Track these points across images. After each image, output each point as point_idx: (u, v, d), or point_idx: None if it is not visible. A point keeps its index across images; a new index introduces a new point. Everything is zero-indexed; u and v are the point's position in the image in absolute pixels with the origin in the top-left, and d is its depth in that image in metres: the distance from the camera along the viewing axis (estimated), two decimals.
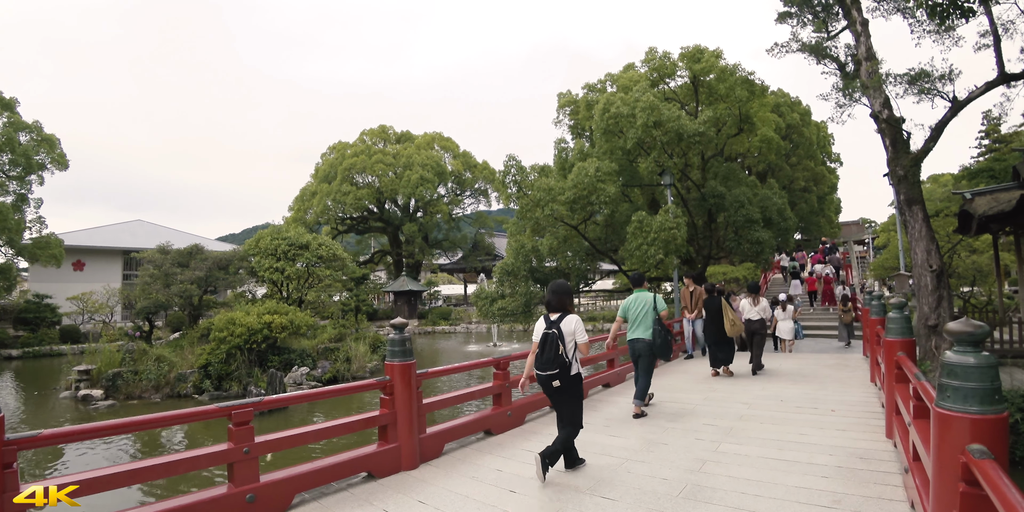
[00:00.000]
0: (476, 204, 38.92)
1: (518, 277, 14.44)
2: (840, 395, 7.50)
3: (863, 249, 33.92)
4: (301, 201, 35.11)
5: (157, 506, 3.44)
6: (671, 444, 5.30)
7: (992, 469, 1.99)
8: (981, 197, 12.68)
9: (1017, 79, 10.28)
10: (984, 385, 2.23)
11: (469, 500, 4.02)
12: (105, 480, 3.25)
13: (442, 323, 31.12)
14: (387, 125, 37.80)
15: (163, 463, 3.55)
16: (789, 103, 28.66)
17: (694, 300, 11.30)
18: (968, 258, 18.83)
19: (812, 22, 13.03)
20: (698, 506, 3.77)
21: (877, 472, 4.33)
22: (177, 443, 9.78)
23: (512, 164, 13.40)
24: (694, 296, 11.29)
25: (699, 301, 11.01)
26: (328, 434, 4.59)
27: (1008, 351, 10.11)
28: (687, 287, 11.49)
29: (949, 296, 10.73)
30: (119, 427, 3.68)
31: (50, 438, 3.21)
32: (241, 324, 13.90)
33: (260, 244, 18.47)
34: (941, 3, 9.91)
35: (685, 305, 11.64)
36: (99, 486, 3.21)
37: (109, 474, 3.30)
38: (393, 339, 4.81)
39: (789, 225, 17.16)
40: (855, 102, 12.22)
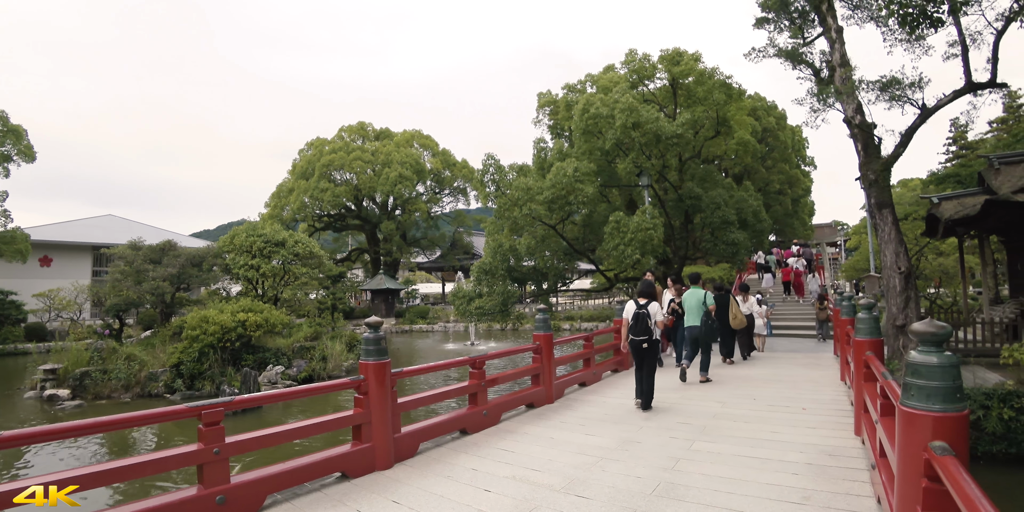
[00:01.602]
0: (455, 203, 38.80)
1: (496, 276, 14.42)
2: (812, 394, 7.65)
3: (835, 251, 34.64)
4: (278, 198, 34.62)
5: (124, 509, 3.36)
6: (646, 442, 5.34)
7: (953, 465, 2.05)
8: (948, 202, 13.05)
9: (983, 88, 10.57)
10: (946, 384, 2.29)
11: (444, 500, 4.01)
12: (69, 483, 3.16)
13: (420, 322, 30.95)
14: (366, 122, 37.47)
15: (130, 465, 3.47)
16: (766, 107, 29.11)
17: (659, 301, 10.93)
18: (935, 260, 19.35)
19: (789, 28, 13.24)
20: (671, 504, 3.81)
21: (846, 468, 4.42)
22: (148, 444, 9.57)
23: (491, 163, 13.39)
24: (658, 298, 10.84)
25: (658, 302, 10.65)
26: (301, 434, 4.53)
27: (972, 350, 10.41)
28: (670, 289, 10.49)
29: (916, 297, 11.00)
30: (85, 428, 3.58)
31: (11, 440, 3.11)
32: (215, 322, 13.65)
33: (235, 241, 18.17)
34: (912, 12, 10.14)
35: None
36: (62, 488, 3.13)
37: (73, 476, 3.21)
38: (367, 338, 4.77)
39: (764, 227, 17.45)
40: (829, 107, 12.45)
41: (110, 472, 3.35)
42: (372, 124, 37.64)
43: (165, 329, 15.76)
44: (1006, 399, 8.05)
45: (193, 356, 13.44)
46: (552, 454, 5.03)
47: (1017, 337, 10.06)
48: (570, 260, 15.06)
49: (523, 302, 16.52)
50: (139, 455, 3.61)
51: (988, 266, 14.63)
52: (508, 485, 4.26)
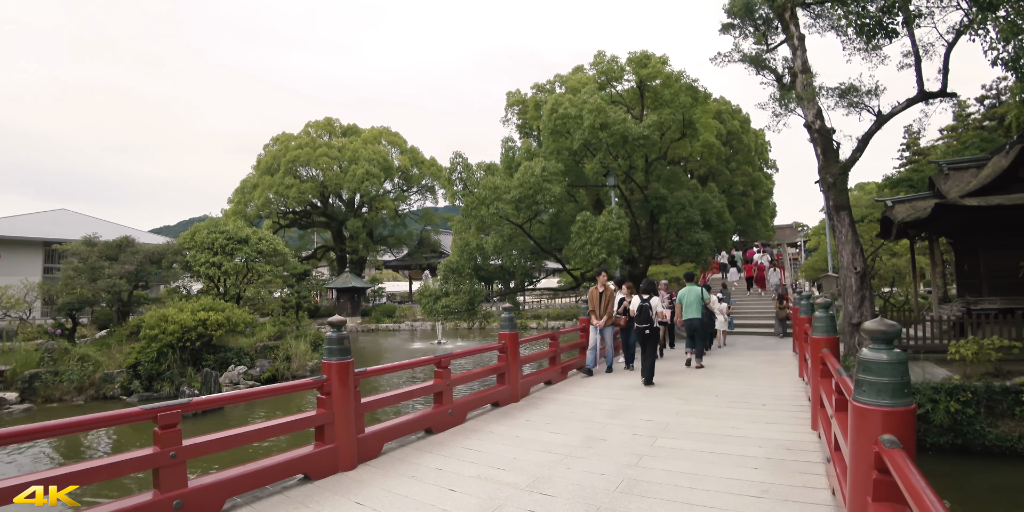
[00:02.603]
0: (423, 201, 38.47)
1: (463, 275, 14.37)
2: (771, 390, 7.84)
3: (796, 251, 35.59)
4: (241, 193, 33.80)
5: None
6: (610, 440, 5.40)
7: (900, 457, 2.13)
8: (901, 205, 13.55)
9: (935, 97, 11.00)
10: (895, 380, 2.37)
11: (408, 500, 3.98)
12: (14, 490, 3.02)
13: (386, 320, 30.64)
14: (333, 118, 36.89)
15: (80, 471, 3.33)
16: (730, 111, 29.72)
17: (604, 303, 9.30)
18: (889, 261, 20.07)
19: (753, 34, 13.55)
20: (634, 500, 3.86)
21: (803, 462, 4.56)
22: (102, 449, 9.25)
23: (459, 161, 13.34)
24: (604, 298, 9.33)
25: (610, 303, 9.30)
26: (262, 436, 4.43)
27: (921, 347, 10.83)
28: (597, 287, 9.44)
29: (871, 296, 11.39)
30: (33, 432, 3.42)
31: None
32: (174, 321, 13.27)
33: (196, 237, 17.69)
34: (869, 23, 10.50)
35: (593, 309, 9.43)
36: (7, 496, 2.99)
37: (17, 484, 3.06)
38: (330, 337, 4.70)
39: (728, 227, 17.84)
40: (790, 112, 12.79)
41: (59, 478, 3.21)
42: (339, 120, 37.10)
43: (122, 328, 15.26)
44: (952, 393, 8.42)
45: (151, 356, 13.05)
46: (517, 452, 5.04)
47: (963, 334, 10.50)
48: (537, 259, 15.10)
49: (490, 301, 16.53)
50: (91, 460, 3.48)
51: (937, 267, 15.24)
52: (473, 484, 4.26)
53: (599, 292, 9.27)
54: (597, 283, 9.49)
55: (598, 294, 9.29)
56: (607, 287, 9.30)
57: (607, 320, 9.28)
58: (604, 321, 9.26)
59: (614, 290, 9.44)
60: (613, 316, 9.40)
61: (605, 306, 9.24)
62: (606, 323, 9.27)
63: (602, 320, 9.26)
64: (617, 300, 9.81)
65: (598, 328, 9.34)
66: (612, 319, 9.37)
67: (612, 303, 9.26)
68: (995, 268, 11.54)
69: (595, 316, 9.38)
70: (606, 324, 9.29)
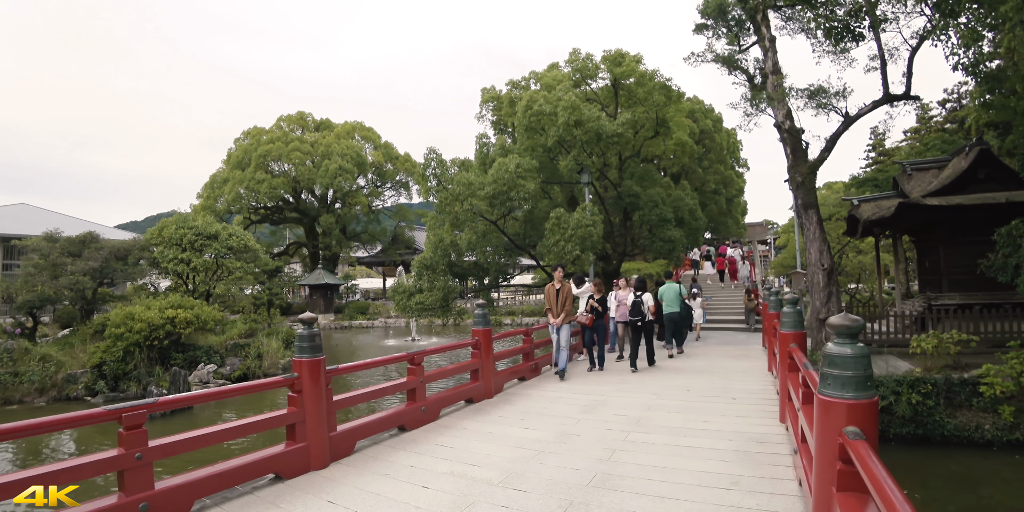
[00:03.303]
0: (397, 197, 38.13)
1: (437, 271, 14.30)
2: (741, 384, 7.99)
3: (766, 248, 36.26)
4: (211, 188, 33.06)
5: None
6: (583, 435, 5.44)
7: (863, 449, 2.19)
8: (866, 204, 13.90)
9: (899, 100, 11.31)
10: (859, 373, 2.44)
11: (381, 498, 3.95)
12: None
13: (359, 317, 30.38)
14: (306, 112, 36.30)
15: (41, 474, 3.20)
16: (703, 110, 30.07)
17: (561, 300, 8.68)
18: (855, 258, 20.60)
19: (726, 35, 13.75)
20: (606, 494, 3.90)
21: (771, 454, 4.65)
22: (66, 452, 8.99)
23: (432, 157, 13.25)
24: (561, 295, 8.68)
25: (567, 301, 8.70)
26: (231, 435, 4.35)
27: (885, 341, 11.15)
28: (553, 283, 8.85)
29: (838, 292, 11.68)
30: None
31: None
32: (141, 319, 12.96)
33: (164, 233, 17.29)
34: (837, 26, 10.73)
35: (549, 306, 8.78)
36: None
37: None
38: (301, 334, 4.64)
39: (700, 225, 18.09)
40: (761, 112, 13.02)
41: (14, 484, 3.08)
42: (312, 114, 36.52)
43: (86, 327, 14.83)
44: (914, 385, 8.69)
45: (117, 356, 12.73)
46: (491, 449, 5.05)
47: (924, 329, 10.84)
48: (511, 255, 15.11)
49: (465, 297, 16.50)
50: (52, 463, 3.37)
51: (901, 264, 15.69)
52: (446, 481, 4.25)
53: (556, 289, 8.73)
54: (553, 279, 8.94)
55: (555, 291, 8.73)
56: (564, 283, 8.77)
57: (564, 318, 8.63)
58: (561, 319, 8.61)
59: (571, 287, 8.93)
60: (571, 314, 8.87)
61: (562, 304, 8.63)
62: (563, 321, 8.63)
63: (559, 318, 8.61)
64: (585, 298, 9.58)
65: (555, 327, 8.71)
66: (569, 317, 8.80)
67: (569, 300, 8.69)
68: (954, 265, 11.93)
69: (552, 314, 8.75)
70: (563, 322, 8.64)
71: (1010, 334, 10.24)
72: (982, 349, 9.71)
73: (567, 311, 8.65)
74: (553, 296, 8.71)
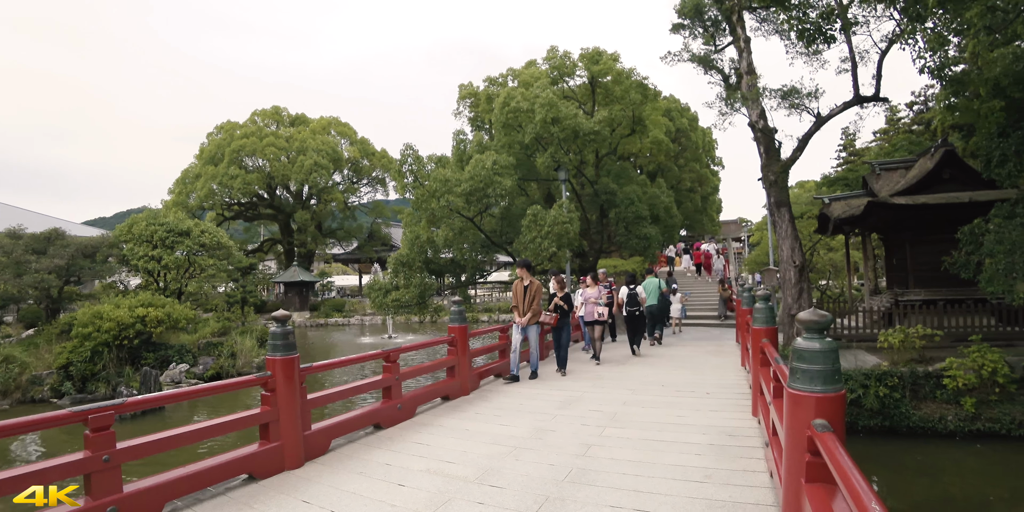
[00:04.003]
0: (373, 193, 37.79)
1: (413, 268, 14.23)
2: (715, 379, 8.11)
3: (740, 246, 36.84)
4: (183, 184, 32.39)
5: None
6: (559, 430, 5.47)
7: (831, 440, 2.24)
8: (837, 202, 14.21)
9: (869, 101, 11.56)
10: (827, 367, 2.49)
11: (356, 496, 3.92)
12: None
13: (335, 315, 30.09)
14: (281, 106, 35.77)
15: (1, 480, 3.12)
16: (679, 109, 30.39)
17: (528, 298, 8.16)
18: (826, 255, 21.04)
19: (702, 35, 13.90)
20: (582, 489, 3.93)
21: (744, 447, 4.74)
22: (31, 456, 8.75)
23: (409, 153, 13.16)
24: (529, 293, 8.18)
25: (535, 299, 8.18)
26: (203, 436, 4.27)
27: (854, 336, 11.41)
28: (521, 280, 8.35)
29: (809, 288, 11.91)
30: None
31: None
32: (110, 318, 12.65)
33: (134, 230, 16.91)
34: (809, 28, 10.91)
35: (516, 305, 8.30)
36: None
37: None
38: (274, 332, 4.57)
39: (675, 222, 18.29)
40: (736, 111, 13.19)
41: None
42: (287, 109, 36.01)
43: (51, 327, 14.45)
44: (881, 379, 8.93)
45: (85, 356, 12.41)
46: (467, 446, 5.04)
47: (892, 324, 11.12)
48: (488, 252, 15.10)
49: (441, 294, 16.43)
50: (14, 468, 3.26)
51: (869, 261, 16.07)
52: (422, 478, 4.24)
53: (523, 286, 8.19)
54: (521, 277, 8.39)
55: (522, 288, 8.19)
56: (532, 281, 8.24)
57: (531, 317, 8.13)
58: (528, 319, 8.10)
59: (539, 284, 8.35)
60: (540, 313, 8.33)
61: (529, 302, 8.11)
62: (530, 321, 8.12)
63: (525, 317, 8.10)
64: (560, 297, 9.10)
65: (520, 327, 8.18)
66: (538, 316, 8.24)
67: (538, 298, 8.15)
68: (920, 262, 12.26)
69: (517, 313, 8.22)
70: (530, 322, 8.13)
71: (972, 328, 10.57)
72: (946, 343, 10.01)
73: (535, 310, 8.14)
74: (520, 294, 8.19)
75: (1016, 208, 8.80)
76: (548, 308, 8.91)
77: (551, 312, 8.77)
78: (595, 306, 9.87)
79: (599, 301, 9.94)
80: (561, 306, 8.82)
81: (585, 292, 10.29)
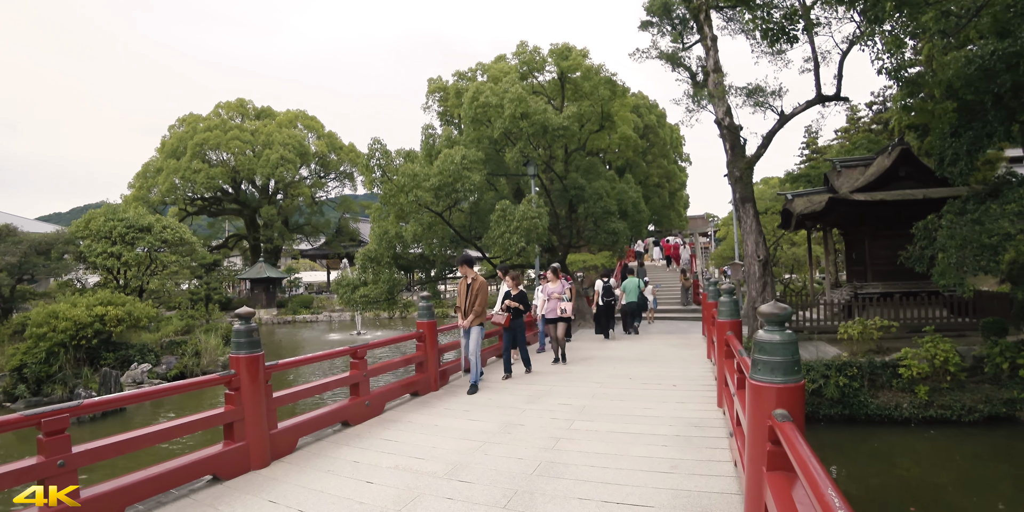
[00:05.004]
0: (341, 188, 37.21)
1: (382, 264, 14.08)
2: (682, 371, 8.26)
3: (707, 240, 37.46)
4: (144, 178, 31.36)
5: None
6: (528, 425, 5.50)
7: (790, 430, 2.30)
8: (800, 199, 14.56)
9: (831, 100, 11.87)
10: (787, 358, 2.55)
11: (324, 494, 3.88)
12: None
13: (303, 312, 29.64)
14: (246, 99, 34.86)
15: None
16: (648, 105, 30.70)
17: (471, 297, 7.28)
18: (789, 250, 21.57)
19: (670, 33, 14.06)
20: (550, 482, 3.96)
21: (709, 438, 4.84)
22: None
23: (377, 148, 12.98)
24: (472, 291, 7.29)
25: (478, 298, 7.27)
26: (165, 437, 4.15)
27: (816, 328, 11.75)
28: (464, 278, 7.49)
29: (772, 282, 12.20)
30: None
31: None
32: (66, 318, 12.21)
33: (91, 225, 16.33)
34: (772, 28, 11.13)
35: (459, 305, 7.49)
36: None
37: None
38: (238, 330, 4.48)
39: (643, 217, 18.46)
40: (703, 109, 13.40)
41: None
42: (252, 102, 35.12)
43: (3, 328, 13.89)
44: (841, 369, 9.22)
45: (39, 357, 11.97)
46: (436, 441, 5.03)
47: (851, 316, 11.47)
48: (457, 247, 15.03)
49: (411, 290, 16.30)
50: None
51: (830, 255, 16.54)
52: (391, 475, 4.21)
53: (466, 284, 7.36)
54: (463, 274, 7.52)
55: (465, 287, 7.37)
56: (476, 278, 7.37)
57: (474, 319, 7.29)
58: (470, 320, 7.27)
59: (484, 282, 7.54)
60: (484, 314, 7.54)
61: (472, 302, 7.24)
62: (473, 322, 7.30)
63: (468, 319, 7.27)
64: (502, 294, 8.49)
65: (466, 331, 7.39)
66: (482, 318, 7.44)
67: (482, 297, 7.31)
68: (878, 256, 12.68)
69: (460, 314, 7.40)
70: (472, 324, 7.31)
71: (926, 320, 10.99)
72: (902, 334, 10.40)
73: (478, 311, 7.29)
74: (463, 293, 7.35)
75: (967, 205, 9.15)
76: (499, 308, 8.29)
77: (503, 312, 8.14)
78: (558, 302, 9.29)
79: (562, 296, 9.35)
80: (516, 307, 8.17)
81: (547, 287, 9.64)
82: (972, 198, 9.28)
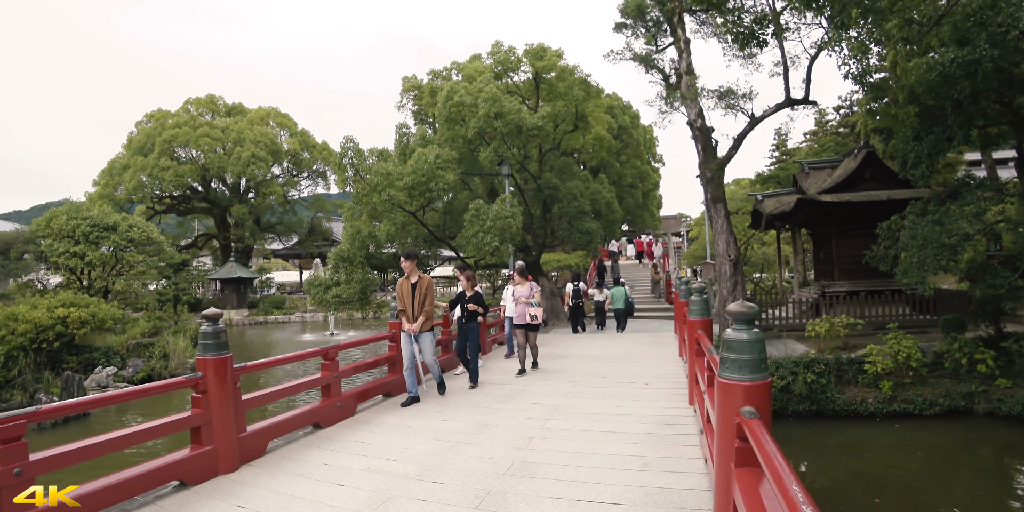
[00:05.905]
0: (314, 186, 36.74)
1: (355, 264, 13.95)
2: (654, 369, 8.35)
3: (680, 240, 37.93)
4: (109, 175, 30.49)
5: None
6: (501, 424, 5.50)
7: (757, 426, 2.34)
8: (769, 199, 14.83)
9: (799, 103, 12.14)
10: (754, 356, 2.60)
11: (294, 498, 3.82)
12: None
13: (275, 312, 29.18)
14: (216, 95, 34.17)
15: None
16: (621, 106, 30.97)
17: (418, 298, 6.42)
18: (759, 249, 21.96)
19: (644, 35, 14.23)
20: (523, 481, 3.96)
21: (680, 435, 4.90)
22: None
23: (350, 146, 12.84)
24: (418, 291, 6.43)
25: (427, 298, 6.44)
26: (129, 442, 4.03)
27: (785, 325, 11.98)
28: (407, 277, 6.57)
29: (743, 281, 12.42)
30: None
31: None
32: (26, 320, 11.82)
33: (53, 224, 15.85)
34: (743, 32, 11.34)
35: (403, 307, 6.50)
36: None
37: None
38: (205, 331, 4.39)
39: (616, 217, 18.64)
40: (675, 110, 13.59)
41: None
42: (223, 98, 34.44)
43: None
44: (809, 366, 9.43)
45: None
46: (408, 442, 5.00)
47: (819, 314, 11.75)
48: (431, 247, 14.98)
49: (384, 290, 16.19)
50: None
51: (799, 254, 16.89)
52: (363, 477, 4.17)
53: (411, 284, 6.47)
54: (407, 272, 6.58)
55: (409, 287, 6.47)
56: (421, 277, 6.50)
57: (424, 321, 6.40)
58: (419, 324, 6.35)
59: (431, 281, 6.64)
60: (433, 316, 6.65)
61: (420, 304, 6.40)
62: (424, 326, 6.41)
63: (416, 323, 6.36)
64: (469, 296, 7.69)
65: (412, 336, 6.39)
66: (432, 321, 6.59)
67: (430, 299, 6.47)
68: (844, 255, 12.98)
69: (405, 317, 6.46)
70: (423, 329, 6.42)
71: (890, 317, 11.29)
72: (867, 331, 10.67)
73: (428, 313, 6.42)
74: (408, 294, 6.45)
75: (928, 206, 9.43)
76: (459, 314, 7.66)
77: (459, 318, 7.58)
78: (527, 306, 8.37)
79: (531, 300, 8.46)
80: (476, 310, 7.52)
81: (516, 290, 8.76)
82: (933, 199, 9.56)
